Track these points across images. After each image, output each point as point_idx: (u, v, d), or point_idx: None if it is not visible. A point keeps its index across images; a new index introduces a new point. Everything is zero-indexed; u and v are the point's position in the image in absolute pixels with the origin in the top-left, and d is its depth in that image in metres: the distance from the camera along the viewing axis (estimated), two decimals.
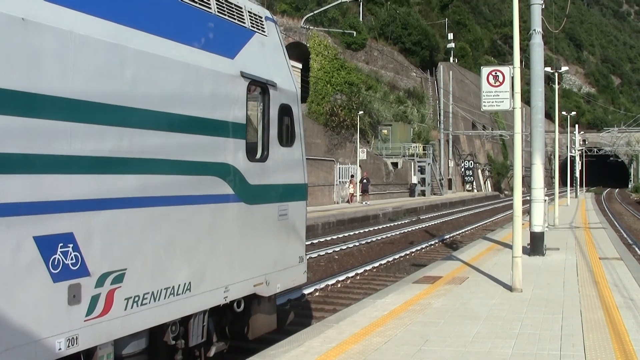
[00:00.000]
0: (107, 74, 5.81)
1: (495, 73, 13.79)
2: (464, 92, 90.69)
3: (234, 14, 8.25)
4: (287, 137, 9.20)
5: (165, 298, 6.49)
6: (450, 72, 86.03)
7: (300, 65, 52.44)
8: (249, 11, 8.68)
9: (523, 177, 15.14)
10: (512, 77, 13.42)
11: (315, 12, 42.78)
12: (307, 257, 10.44)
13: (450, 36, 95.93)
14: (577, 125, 73.43)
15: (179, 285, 6.72)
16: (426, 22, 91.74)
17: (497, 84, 13.68)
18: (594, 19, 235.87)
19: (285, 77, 9.33)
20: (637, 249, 26.21)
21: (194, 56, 7.10)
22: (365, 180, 53.81)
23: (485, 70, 13.96)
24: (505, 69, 13.78)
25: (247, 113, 8.12)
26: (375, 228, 34.00)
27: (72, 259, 5.35)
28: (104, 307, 5.69)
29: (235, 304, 8.06)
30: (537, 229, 17.99)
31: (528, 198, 18.34)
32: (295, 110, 9.45)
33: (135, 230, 6.12)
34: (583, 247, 20.82)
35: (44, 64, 5.16)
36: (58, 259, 5.22)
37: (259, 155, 8.52)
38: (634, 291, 12.69)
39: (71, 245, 5.36)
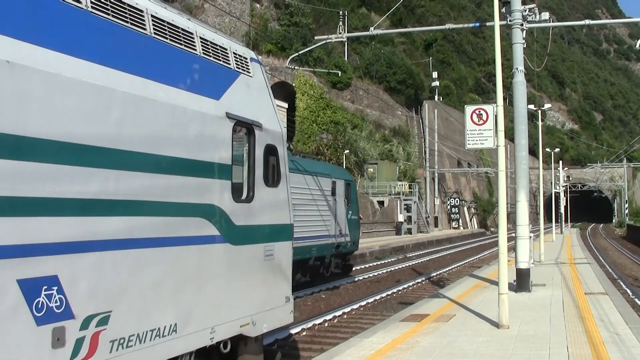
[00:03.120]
0: (93, 116, 5.82)
1: (479, 111, 13.92)
2: (449, 130, 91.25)
3: (219, 55, 8.31)
4: (272, 178, 9.22)
5: (151, 340, 6.43)
6: (435, 110, 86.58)
7: (286, 105, 52.70)
8: (234, 52, 8.75)
9: (508, 214, 15.16)
10: (496, 116, 13.54)
11: (300, 52, 43.03)
12: (294, 297, 10.39)
13: (435, 75, 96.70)
14: (561, 162, 73.82)
15: (165, 326, 6.66)
16: (411, 61, 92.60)
17: (481, 122, 13.81)
18: (575, 57, 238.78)
19: (271, 117, 9.38)
20: (622, 284, 26.29)
21: (179, 98, 7.13)
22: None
23: (469, 109, 14.10)
24: (488, 108, 13.91)
25: (232, 154, 8.14)
26: (362, 267, 33.90)
27: (56, 301, 5.30)
28: (89, 350, 5.63)
29: (221, 345, 8.00)
30: (522, 265, 18.03)
31: (514, 235, 18.40)
32: (280, 150, 9.49)
33: (121, 272, 6.08)
34: (569, 282, 20.86)
35: (30, 106, 5.16)
36: (42, 302, 5.17)
37: (244, 196, 8.52)
38: (619, 326, 12.72)
39: (55, 288, 5.31)
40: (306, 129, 59.38)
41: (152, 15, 7.01)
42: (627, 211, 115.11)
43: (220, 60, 8.31)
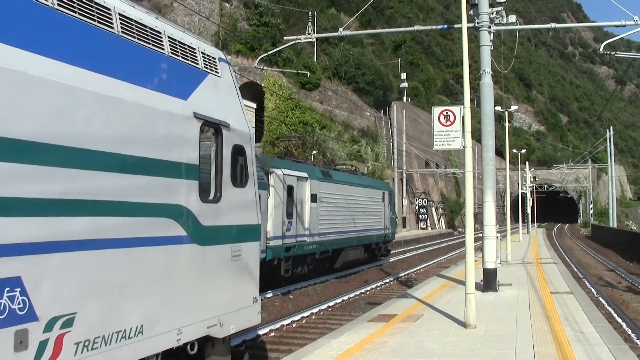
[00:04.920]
0: (59, 115, 5.75)
1: (446, 113, 13.98)
2: (417, 131, 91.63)
3: (187, 55, 8.27)
4: (240, 178, 9.18)
5: (116, 342, 6.36)
6: (404, 111, 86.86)
7: (254, 105, 52.55)
8: (202, 52, 8.71)
9: (476, 215, 15.28)
10: (463, 117, 13.61)
11: (269, 52, 42.86)
12: (262, 298, 10.36)
13: (404, 76, 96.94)
14: (527, 163, 74.55)
15: (131, 328, 6.60)
16: (379, 62, 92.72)
17: (448, 123, 13.87)
18: (541, 59, 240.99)
19: (239, 117, 9.34)
20: (587, 283, 26.61)
21: (147, 97, 7.07)
22: None
23: (436, 110, 14.15)
24: (456, 109, 13.98)
25: (200, 154, 8.10)
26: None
27: (19, 303, 5.22)
28: (53, 353, 5.55)
29: (188, 347, 7.94)
30: (489, 265, 18.15)
31: (481, 235, 18.53)
32: (248, 150, 9.46)
33: (87, 273, 6.00)
34: (535, 282, 21.05)
35: None
36: (4, 304, 5.08)
37: (212, 196, 8.48)
38: (583, 324, 12.87)
39: (18, 290, 5.23)
40: (275, 129, 59.23)
41: (119, 14, 6.96)
42: (592, 211, 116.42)
43: (188, 60, 8.27)
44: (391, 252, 41.83)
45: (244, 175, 9.30)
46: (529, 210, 75.48)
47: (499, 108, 37.57)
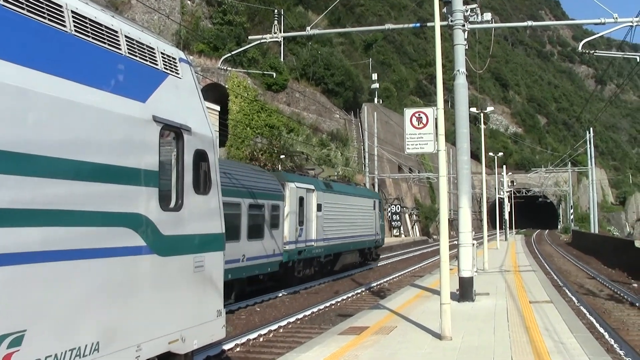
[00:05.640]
0: (7, 119, 5.67)
1: (419, 115, 14.05)
2: (390, 134, 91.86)
3: (146, 55, 8.22)
4: (203, 185, 9.14)
5: None
6: (375, 113, 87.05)
7: (218, 108, 52.36)
8: (161, 52, 8.66)
9: (451, 221, 15.36)
10: (436, 119, 13.67)
11: (234, 52, 42.73)
12: (226, 310, 10.31)
13: (375, 76, 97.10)
14: (505, 166, 75.11)
15: (86, 345, 6.53)
16: (349, 62, 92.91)
17: (421, 125, 13.93)
18: (518, 59, 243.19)
19: (201, 121, 9.31)
20: (567, 291, 26.84)
21: (102, 100, 7.01)
22: None
23: (408, 112, 14.20)
24: (428, 111, 14.05)
25: (160, 159, 8.04)
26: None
27: None
28: None
29: None
30: (465, 274, 18.23)
31: (456, 242, 18.61)
32: (211, 156, 9.42)
33: (37, 287, 5.92)
34: (513, 291, 21.20)
35: None
36: None
37: (172, 204, 8.43)
38: (564, 335, 12.98)
39: None
40: (240, 132, 59.08)
41: (72, 11, 6.89)
42: (572, 217, 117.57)
43: (146, 60, 8.22)
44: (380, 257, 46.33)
45: (206, 181, 9.26)
46: (506, 216, 76.01)
47: (474, 109, 37.87)
